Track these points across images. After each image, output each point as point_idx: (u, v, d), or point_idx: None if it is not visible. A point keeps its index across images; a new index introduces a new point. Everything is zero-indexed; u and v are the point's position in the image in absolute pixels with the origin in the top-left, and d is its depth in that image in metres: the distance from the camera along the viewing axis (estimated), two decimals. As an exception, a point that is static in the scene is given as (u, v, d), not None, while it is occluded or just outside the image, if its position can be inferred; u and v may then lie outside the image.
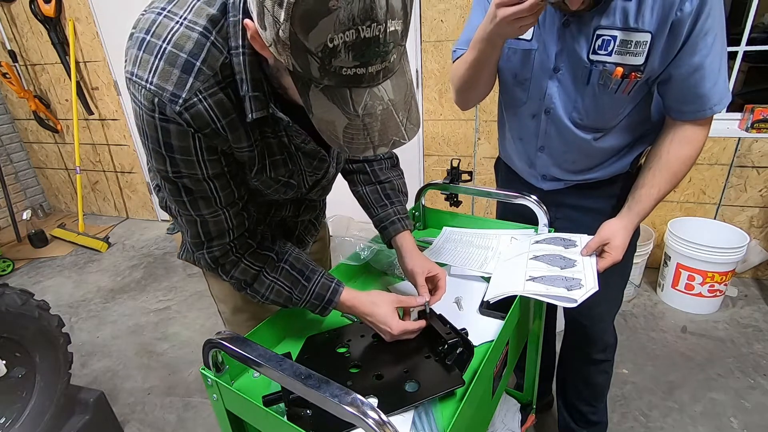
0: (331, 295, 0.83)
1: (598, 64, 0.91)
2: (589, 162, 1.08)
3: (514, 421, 1.26)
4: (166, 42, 0.59)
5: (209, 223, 0.74)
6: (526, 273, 0.98)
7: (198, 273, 2.80)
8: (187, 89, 0.59)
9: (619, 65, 0.89)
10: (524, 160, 1.16)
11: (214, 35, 0.59)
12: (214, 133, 0.64)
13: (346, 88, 0.53)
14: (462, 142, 2.63)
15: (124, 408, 1.85)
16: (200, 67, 0.59)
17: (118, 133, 3.45)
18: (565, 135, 1.03)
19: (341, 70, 0.51)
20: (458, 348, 0.77)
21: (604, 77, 0.91)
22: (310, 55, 0.49)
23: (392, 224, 0.99)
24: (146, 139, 0.64)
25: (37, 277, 2.98)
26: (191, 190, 0.69)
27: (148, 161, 0.71)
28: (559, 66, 0.96)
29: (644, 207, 1.00)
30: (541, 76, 1.00)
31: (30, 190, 3.90)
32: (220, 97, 0.62)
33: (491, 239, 1.20)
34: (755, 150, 2.17)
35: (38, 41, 3.27)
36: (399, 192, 1.03)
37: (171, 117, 0.60)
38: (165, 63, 0.58)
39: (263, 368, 0.62)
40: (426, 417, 0.70)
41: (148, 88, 0.59)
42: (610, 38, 0.89)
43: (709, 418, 1.64)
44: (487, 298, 0.96)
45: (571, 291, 0.88)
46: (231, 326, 1.05)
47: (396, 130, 0.58)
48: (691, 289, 2.17)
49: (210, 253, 0.77)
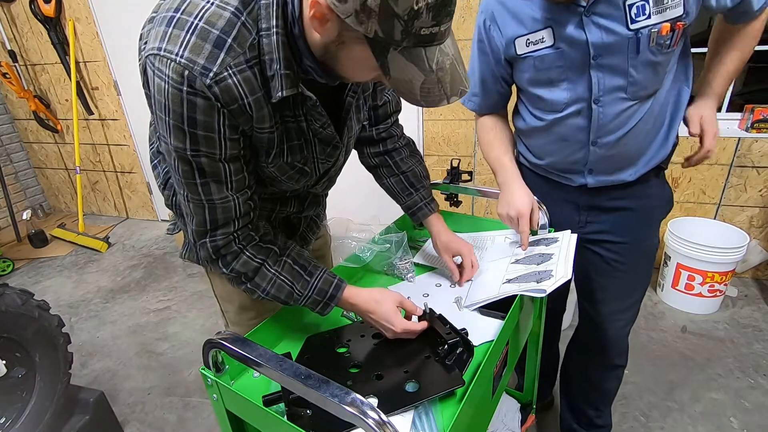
0: (334, 291, 0.82)
1: (642, 31, 0.91)
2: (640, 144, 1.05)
3: (514, 421, 1.26)
4: (198, 18, 0.60)
5: (218, 209, 0.73)
6: (504, 277, 1.00)
7: (198, 273, 2.81)
8: (218, 63, 0.61)
9: (662, 23, 0.89)
10: (567, 159, 1.11)
11: (245, 16, 0.62)
12: (240, 109, 0.66)
13: (422, 47, 0.58)
14: (462, 142, 2.63)
15: (124, 408, 1.85)
16: (231, 44, 0.61)
17: (118, 133, 3.45)
18: (619, 117, 1.00)
19: (420, 30, 0.56)
20: (458, 348, 0.77)
21: (655, 39, 0.91)
22: (396, 18, 0.54)
23: (420, 210, 1.08)
24: (168, 115, 0.64)
25: (37, 277, 2.98)
26: (205, 171, 0.69)
27: (163, 142, 0.69)
28: (599, 52, 0.95)
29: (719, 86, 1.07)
30: (580, 71, 0.98)
31: (30, 190, 3.90)
32: (248, 74, 0.64)
33: (486, 240, 1.21)
34: (755, 150, 2.17)
35: (38, 41, 3.27)
36: (421, 178, 1.10)
37: (200, 90, 0.61)
38: (197, 38, 0.60)
39: (263, 368, 0.62)
40: (426, 417, 0.70)
41: (177, 62, 0.60)
42: (642, 2, 0.89)
43: (709, 418, 1.64)
44: (466, 304, 0.98)
45: (540, 283, 0.90)
46: (235, 326, 1.05)
47: (461, 80, 0.64)
48: (691, 289, 2.17)
49: (213, 242, 0.76)
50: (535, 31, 0.98)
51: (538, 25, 0.97)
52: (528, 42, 1.00)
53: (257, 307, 1.00)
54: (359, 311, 0.85)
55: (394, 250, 1.10)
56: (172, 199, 0.87)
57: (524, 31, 1.00)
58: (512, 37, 1.02)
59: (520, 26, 1.00)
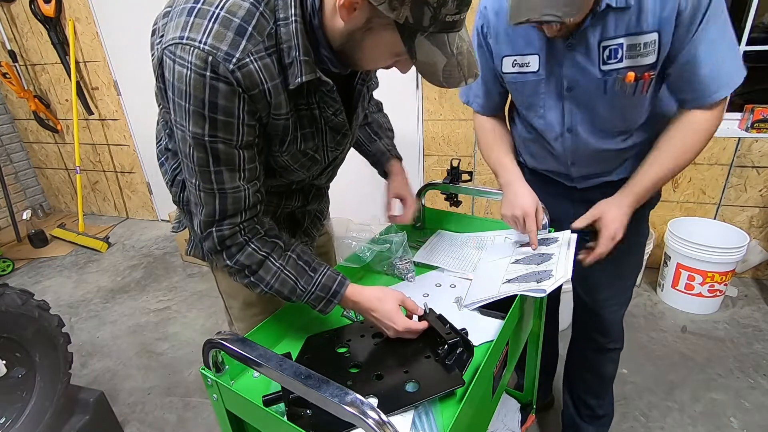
0: (337, 287, 0.82)
1: (611, 73, 0.92)
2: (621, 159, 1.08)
3: (514, 421, 1.27)
4: (219, 8, 0.64)
5: (228, 199, 0.74)
6: (504, 277, 1.00)
7: (198, 273, 2.81)
8: (240, 50, 0.64)
9: (631, 69, 0.90)
10: (554, 168, 1.17)
11: (263, 6, 0.65)
12: (260, 95, 0.68)
13: (445, 33, 0.64)
14: (462, 142, 2.63)
15: (124, 408, 1.85)
16: (252, 32, 0.65)
17: (118, 133, 3.45)
18: (592, 147, 1.04)
19: (446, 17, 0.62)
20: (458, 348, 0.77)
21: (619, 83, 0.92)
22: (427, 6, 0.60)
23: (383, 155, 1.14)
24: (188, 102, 0.65)
25: (37, 277, 2.98)
26: (220, 158, 0.70)
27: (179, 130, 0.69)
28: (571, 86, 0.98)
29: (642, 184, 0.99)
30: (555, 101, 1.01)
31: (30, 190, 3.90)
32: (267, 61, 0.67)
33: (486, 240, 1.21)
34: (755, 150, 2.17)
35: (38, 41, 3.27)
36: (385, 129, 1.16)
37: (223, 75, 0.64)
38: (219, 26, 0.63)
39: (263, 368, 0.62)
40: (426, 417, 0.70)
41: (201, 48, 0.63)
42: (617, 46, 0.90)
43: (709, 418, 1.64)
44: (465, 304, 0.98)
45: (540, 282, 0.90)
46: (239, 323, 1.05)
47: (474, 64, 0.70)
48: (691, 289, 2.17)
49: (219, 232, 0.76)
50: (524, 54, 1.01)
51: (528, 49, 1.00)
52: (514, 63, 1.03)
53: (262, 304, 1.01)
54: (361, 309, 0.85)
55: (394, 250, 1.10)
56: (180, 196, 0.88)
57: (514, 51, 1.02)
58: (500, 55, 1.05)
59: (510, 46, 1.03)
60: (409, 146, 2.72)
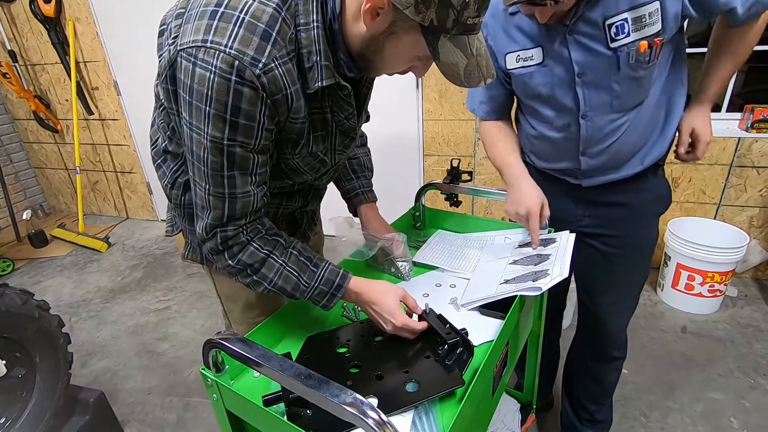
0: (341, 281, 0.83)
1: (621, 49, 0.93)
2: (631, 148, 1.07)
3: (514, 421, 1.26)
4: (244, 13, 0.64)
5: (238, 204, 0.74)
6: (501, 277, 1.00)
7: (198, 273, 2.81)
8: (266, 55, 0.65)
9: (640, 40, 0.91)
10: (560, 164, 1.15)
11: (284, 12, 0.66)
12: (282, 99, 0.69)
13: (466, 35, 0.67)
14: (462, 142, 2.63)
15: (124, 408, 1.85)
16: (276, 37, 0.65)
17: (118, 133, 3.45)
18: (606, 129, 1.03)
19: (467, 20, 0.64)
20: (458, 348, 0.77)
21: (633, 56, 0.93)
22: (451, 8, 0.62)
23: (356, 196, 1.13)
24: (209, 105, 0.65)
25: (37, 277, 2.98)
26: (235, 162, 0.71)
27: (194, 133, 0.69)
28: (582, 70, 0.97)
29: (711, 90, 1.07)
30: (567, 88, 1.01)
31: (30, 190, 3.90)
32: (289, 66, 0.68)
33: (485, 240, 1.22)
34: (755, 150, 2.17)
35: (38, 41, 3.27)
36: (365, 168, 1.16)
37: (249, 80, 0.64)
38: (245, 30, 0.63)
39: (263, 368, 0.62)
40: (426, 417, 0.70)
41: (227, 53, 0.63)
42: (622, 21, 0.90)
43: (709, 418, 1.64)
44: (462, 303, 0.98)
45: (536, 281, 0.90)
46: (239, 325, 1.04)
47: (491, 65, 0.73)
48: (691, 289, 2.17)
49: (223, 233, 0.76)
50: (526, 48, 1.01)
51: (529, 43, 1.00)
52: (518, 58, 1.03)
53: (262, 305, 1.01)
54: (362, 300, 0.85)
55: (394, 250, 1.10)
56: (181, 199, 0.87)
57: (515, 47, 1.03)
58: (503, 52, 1.05)
59: (512, 42, 1.03)
60: (409, 146, 2.72)
